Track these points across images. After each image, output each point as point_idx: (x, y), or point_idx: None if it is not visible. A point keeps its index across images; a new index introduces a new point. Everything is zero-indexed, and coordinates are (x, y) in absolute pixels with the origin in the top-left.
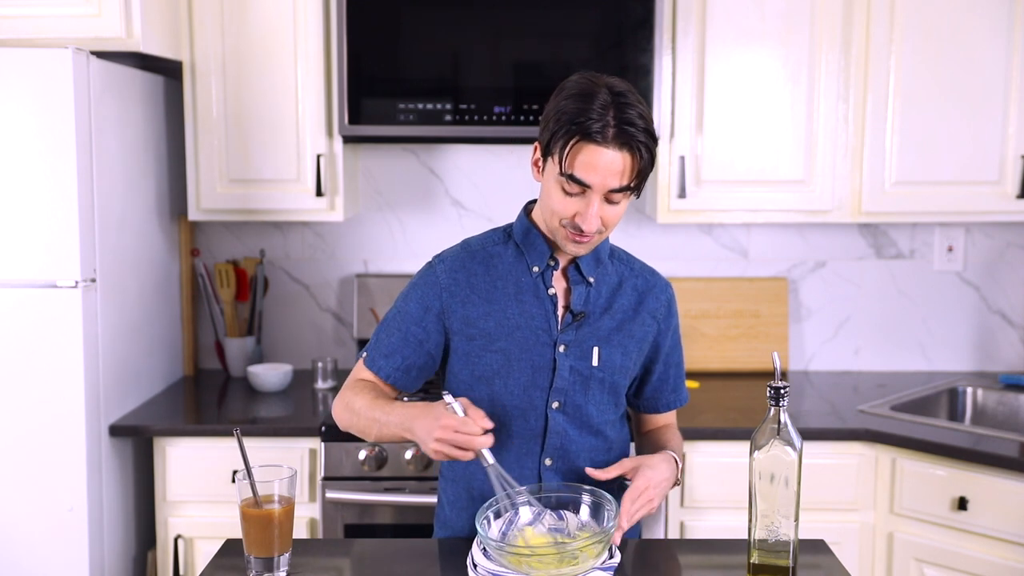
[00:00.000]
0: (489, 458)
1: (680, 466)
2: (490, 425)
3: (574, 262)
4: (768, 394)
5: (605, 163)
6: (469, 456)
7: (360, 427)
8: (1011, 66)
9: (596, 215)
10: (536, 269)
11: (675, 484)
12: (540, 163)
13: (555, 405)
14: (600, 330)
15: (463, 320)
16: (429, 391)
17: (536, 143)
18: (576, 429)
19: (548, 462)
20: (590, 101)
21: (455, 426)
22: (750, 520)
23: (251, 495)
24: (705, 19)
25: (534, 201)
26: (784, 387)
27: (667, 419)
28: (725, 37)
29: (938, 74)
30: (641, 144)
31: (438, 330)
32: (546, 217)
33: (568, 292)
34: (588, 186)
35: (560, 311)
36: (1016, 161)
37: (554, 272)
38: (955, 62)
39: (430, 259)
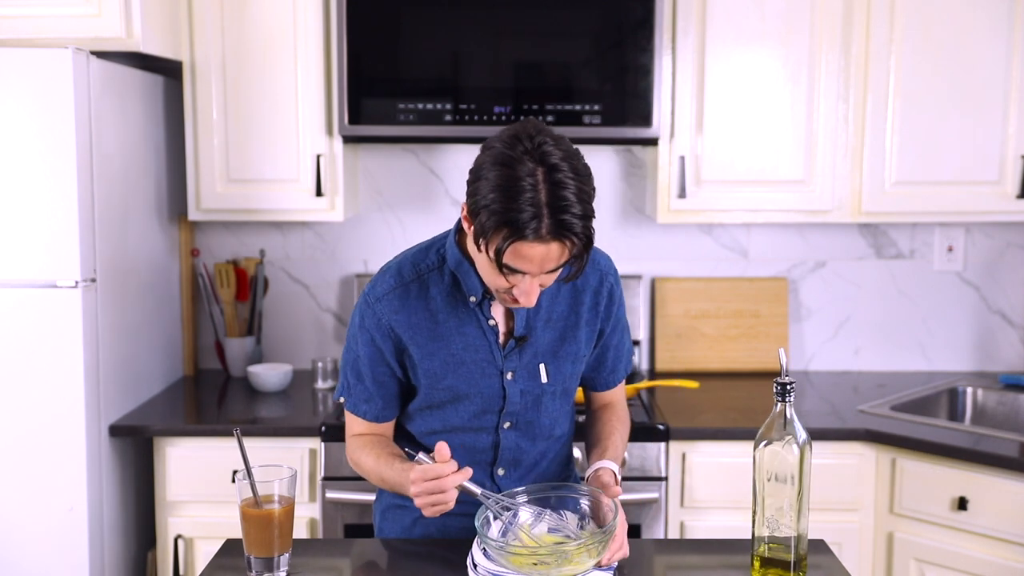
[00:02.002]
0: (475, 489)
1: (618, 475)
2: (454, 466)
3: None
4: (775, 390)
5: (540, 255)
6: (452, 498)
7: (373, 482)
8: (1011, 66)
9: (535, 291)
10: (473, 299)
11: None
12: (468, 220)
13: (507, 425)
14: (543, 345)
15: (411, 357)
16: None
17: (463, 204)
18: (529, 441)
19: (500, 472)
20: (518, 192)
21: (421, 475)
22: (754, 515)
23: (251, 495)
24: (705, 19)
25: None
26: (791, 383)
27: (612, 395)
28: (725, 37)
29: (938, 74)
30: (577, 234)
31: (399, 361)
32: (482, 277)
33: (508, 315)
34: (524, 273)
35: (502, 338)
36: (1016, 161)
37: (492, 301)
38: (955, 62)
39: (364, 295)
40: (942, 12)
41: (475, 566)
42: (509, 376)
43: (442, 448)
